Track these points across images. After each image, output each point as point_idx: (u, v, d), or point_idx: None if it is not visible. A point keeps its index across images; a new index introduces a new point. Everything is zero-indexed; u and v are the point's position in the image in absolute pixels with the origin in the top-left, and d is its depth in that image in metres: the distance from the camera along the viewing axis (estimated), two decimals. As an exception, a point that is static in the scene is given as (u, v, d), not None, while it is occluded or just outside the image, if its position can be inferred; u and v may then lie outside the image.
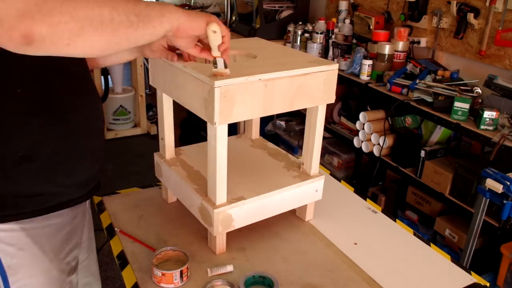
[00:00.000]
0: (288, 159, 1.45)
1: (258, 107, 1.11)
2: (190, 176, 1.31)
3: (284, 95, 1.15)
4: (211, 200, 1.19)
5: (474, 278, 1.24)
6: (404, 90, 2.44)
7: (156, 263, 1.16)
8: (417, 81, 2.36)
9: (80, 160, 1.04)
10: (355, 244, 1.34)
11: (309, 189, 1.33)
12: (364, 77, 2.67)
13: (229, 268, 1.19)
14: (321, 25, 3.21)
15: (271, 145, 1.56)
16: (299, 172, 1.36)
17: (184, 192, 1.32)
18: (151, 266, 1.14)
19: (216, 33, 0.96)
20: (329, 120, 3.02)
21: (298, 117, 3.60)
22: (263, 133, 3.34)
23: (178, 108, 1.38)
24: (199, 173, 1.33)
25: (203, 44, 1.01)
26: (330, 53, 3.06)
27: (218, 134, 1.09)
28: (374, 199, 2.71)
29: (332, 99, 1.26)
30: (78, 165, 1.04)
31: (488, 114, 2.03)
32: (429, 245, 1.37)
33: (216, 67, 1.03)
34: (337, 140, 3.00)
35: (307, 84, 1.17)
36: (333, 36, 3.11)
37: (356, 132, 2.73)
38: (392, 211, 2.68)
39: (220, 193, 1.17)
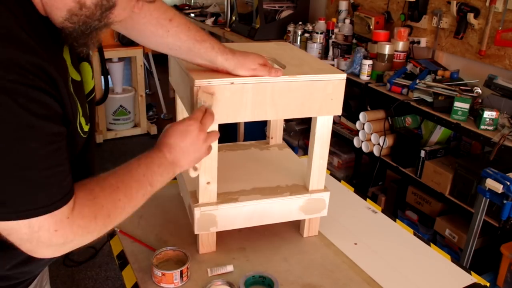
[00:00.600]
0: (301, 169, 1.39)
1: (244, 111, 1.10)
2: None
3: (276, 102, 1.12)
4: (196, 198, 1.19)
5: (474, 278, 1.24)
6: (404, 90, 2.44)
7: (156, 263, 1.16)
8: (417, 81, 2.36)
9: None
10: (355, 244, 1.34)
11: (307, 204, 1.27)
12: (364, 77, 2.67)
13: (229, 268, 1.19)
14: (321, 25, 3.21)
15: (290, 152, 1.54)
16: (303, 185, 1.31)
17: (183, 189, 1.33)
18: (151, 266, 1.14)
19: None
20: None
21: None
22: (262, 133, 3.34)
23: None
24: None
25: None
26: (330, 53, 3.06)
27: None
28: (374, 199, 2.71)
29: (338, 111, 1.19)
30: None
31: (488, 114, 2.03)
32: (429, 245, 1.37)
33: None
34: (337, 140, 2.99)
35: (308, 92, 1.14)
36: (333, 36, 3.11)
37: (356, 132, 2.73)
38: (392, 211, 2.68)
39: (204, 192, 1.17)
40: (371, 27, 2.87)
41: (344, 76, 1.17)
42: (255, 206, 1.22)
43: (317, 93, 1.15)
